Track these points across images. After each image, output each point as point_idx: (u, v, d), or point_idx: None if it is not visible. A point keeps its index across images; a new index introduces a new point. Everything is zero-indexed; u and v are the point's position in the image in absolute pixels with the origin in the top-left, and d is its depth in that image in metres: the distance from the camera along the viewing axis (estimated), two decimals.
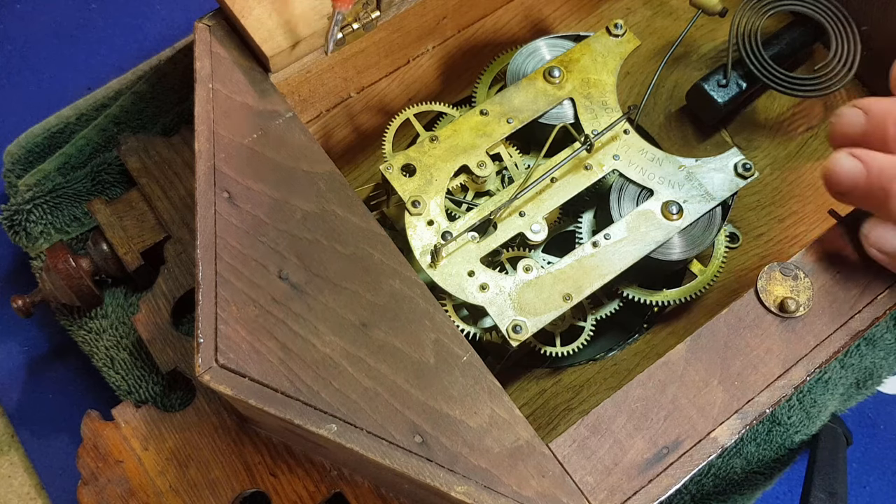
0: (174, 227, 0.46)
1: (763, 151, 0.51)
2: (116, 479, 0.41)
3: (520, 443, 0.34)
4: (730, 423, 0.36)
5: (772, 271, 0.38)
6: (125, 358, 0.46)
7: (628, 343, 0.46)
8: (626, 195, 0.43)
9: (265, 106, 0.39)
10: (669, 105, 0.52)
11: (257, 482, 0.41)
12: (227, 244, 0.37)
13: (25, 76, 0.57)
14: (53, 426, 0.48)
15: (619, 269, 0.40)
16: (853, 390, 0.48)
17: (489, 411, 0.35)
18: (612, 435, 0.35)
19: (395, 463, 0.34)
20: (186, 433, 0.42)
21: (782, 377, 0.36)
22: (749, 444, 0.47)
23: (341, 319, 0.36)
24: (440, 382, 0.35)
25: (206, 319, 0.35)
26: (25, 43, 0.58)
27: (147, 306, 0.45)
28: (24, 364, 0.49)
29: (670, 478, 0.35)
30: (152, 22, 0.58)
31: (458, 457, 0.34)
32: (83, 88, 0.51)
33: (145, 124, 0.50)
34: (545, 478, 0.34)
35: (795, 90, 0.48)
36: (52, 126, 0.50)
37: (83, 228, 0.49)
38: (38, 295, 0.44)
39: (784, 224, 0.49)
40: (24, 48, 0.58)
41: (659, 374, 0.36)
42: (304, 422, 0.34)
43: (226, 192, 0.38)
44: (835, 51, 0.48)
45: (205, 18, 0.41)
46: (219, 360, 0.35)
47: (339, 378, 0.35)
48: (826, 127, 0.52)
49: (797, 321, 0.37)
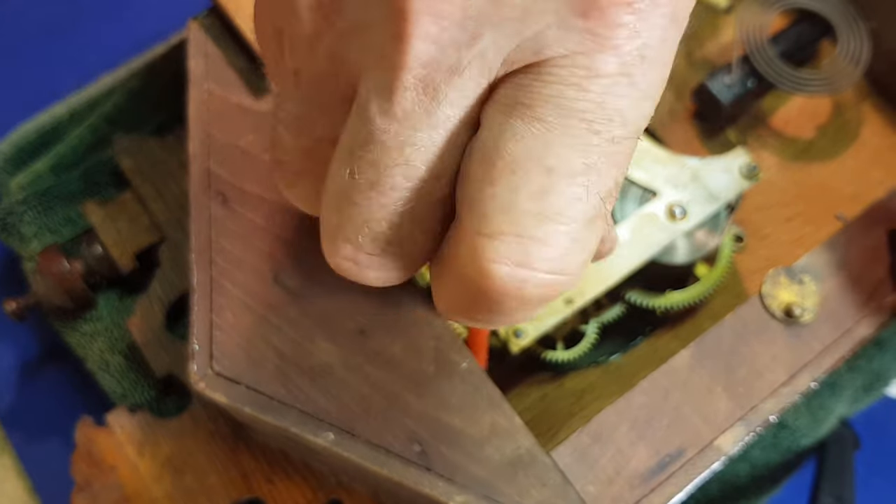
0: (169, 229, 0.46)
1: (769, 150, 0.51)
2: (111, 486, 0.41)
3: (520, 451, 0.34)
4: (734, 431, 0.35)
5: (777, 276, 0.37)
6: (119, 362, 0.45)
7: (631, 347, 0.46)
8: (629, 196, 0.42)
9: (261, 107, 0.39)
10: (674, 104, 0.52)
11: (254, 489, 0.41)
12: (222, 248, 0.36)
13: (16, 72, 0.56)
14: (46, 430, 0.47)
15: (623, 273, 0.40)
16: (861, 394, 0.47)
17: (489, 419, 0.34)
18: (614, 443, 0.34)
19: (393, 472, 0.33)
20: (182, 439, 0.41)
21: (787, 384, 0.36)
22: (755, 448, 0.46)
23: (339, 326, 0.35)
24: (439, 390, 0.34)
25: (200, 326, 0.35)
26: (15, 38, 0.57)
27: (142, 309, 0.45)
28: (16, 367, 0.49)
29: (673, 486, 0.34)
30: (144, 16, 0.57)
31: (458, 466, 0.33)
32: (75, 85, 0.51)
33: (139, 123, 0.49)
34: (546, 487, 0.33)
35: (802, 88, 0.47)
36: (44, 124, 0.49)
37: (77, 230, 0.48)
38: (31, 298, 0.44)
39: (791, 224, 0.49)
40: (14, 44, 0.57)
41: (662, 380, 0.36)
42: (300, 430, 0.34)
43: (220, 195, 0.37)
44: (842, 48, 0.48)
45: (198, 17, 0.41)
46: (214, 368, 0.34)
47: (336, 386, 0.34)
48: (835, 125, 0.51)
49: (803, 327, 0.37)
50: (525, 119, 0.20)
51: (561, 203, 0.21)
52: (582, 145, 0.20)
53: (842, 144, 0.51)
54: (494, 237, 0.21)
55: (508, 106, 0.20)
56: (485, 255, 0.21)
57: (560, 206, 0.21)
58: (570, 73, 0.20)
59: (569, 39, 0.20)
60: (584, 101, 0.20)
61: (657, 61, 0.21)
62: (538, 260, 0.21)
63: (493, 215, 0.21)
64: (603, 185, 0.21)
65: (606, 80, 0.20)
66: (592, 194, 0.21)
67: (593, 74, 0.20)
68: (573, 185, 0.21)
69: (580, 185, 0.21)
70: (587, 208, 0.21)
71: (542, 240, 0.21)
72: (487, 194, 0.21)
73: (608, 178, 0.21)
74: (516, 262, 0.21)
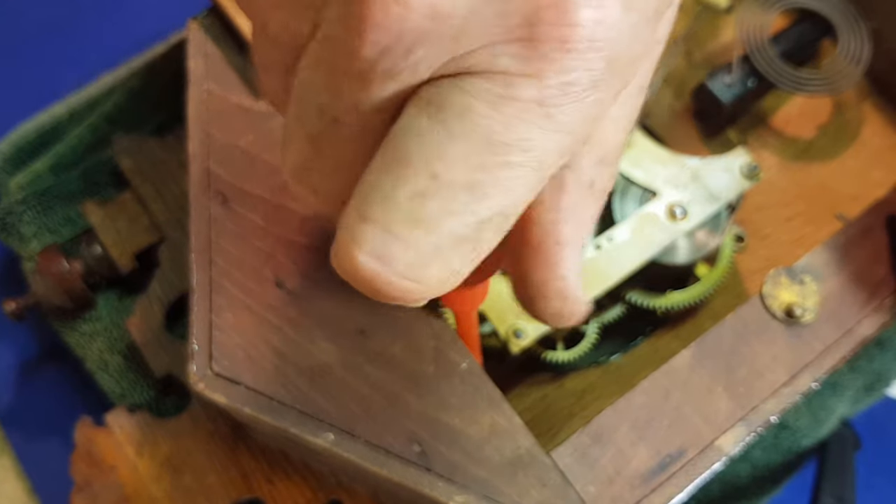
0: (168, 229, 0.46)
1: (770, 150, 0.51)
2: (110, 486, 0.41)
3: (520, 452, 0.34)
4: (735, 431, 0.35)
5: (778, 276, 0.37)
6: (119, 361, 0.45)
7: (632, 347, 0.46)
8: (630, 196, 0.42)
9: (261, 107, 0.39)
10: (674, 104, 0.51)
11: (254, 489, 0.40)
12: (222, 249, 0.36)
13: (16, 72, 0.56)
14: (45, 430, 0.47)
15: (623, 273, 0.40)
16: (862, 394, 0.47)
17: (489, 420, 0.34)
18: (614, 444, 0.34)
19: (393, 473, 0.33)
20: (181, 439, 0.41)
21: (788, 384, 0.36)
22: (756, 448, 0.46)
23: (339, 326, 0.35)
24: (439, 390, 0.34)
25: (200, 326, 0.35)
26: (15, 38, 0.57)
27: (141, 309, 0.45)
28: (15, 367, 0.49)
29: (674, 487, 0.34)
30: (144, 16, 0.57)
31: (458, 466, 0.33)
32: (75, 84, 0.51)
33: (139, 123, 0.49)
34: (546, 487, 0.33)
35: (803, 88, 0.47)
36: (43, 124, 0.49)
37: (76, 230, 0.48)
38: (30, 298, 0.44)
39: (791, 224, 0.49)
40: (14, 43, 0.57)
41: (662, 380, 0.36)
42: (300, 431, 0.33)
43: (220, 195, 0.37)
44: (843, 48, 0.48)
45: (198, 17, 0.41)
46: (213, 369, 0.34)
47: (336, 386, 0.34)
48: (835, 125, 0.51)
49: (803, 327, 0.37)
50: (431, 119, 0.20)
51: (434, 211, 0.20)
52: (475, 161, 0.20)
53: (842, 144, 0.51)
54: (365, 221, 0.21)
55: (423, 102, 0.20)
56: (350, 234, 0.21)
57: (432, 215, 0.20)
58: (488, 90, 0.20)
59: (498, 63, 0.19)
60: (490, 119, 0.20)
61: (584, 101, 0.20)
62: (394, 259, 0.21)
63: (370, 200, 0.21)
64: (485, 208, 0.21)
65: (520, 105, 0.20)
66: (469, 214, 0.21)
67: (509, 97, 0.20)
68: (451, 199, 0.20)
69: (459, 201, 0.20)
70: (459, 227, 0.21)
71: (404, 240, 0.21)
72: (374, 178, 0.21)
73: (493, 204, 0.21)
74: (374, 254, 0.21)
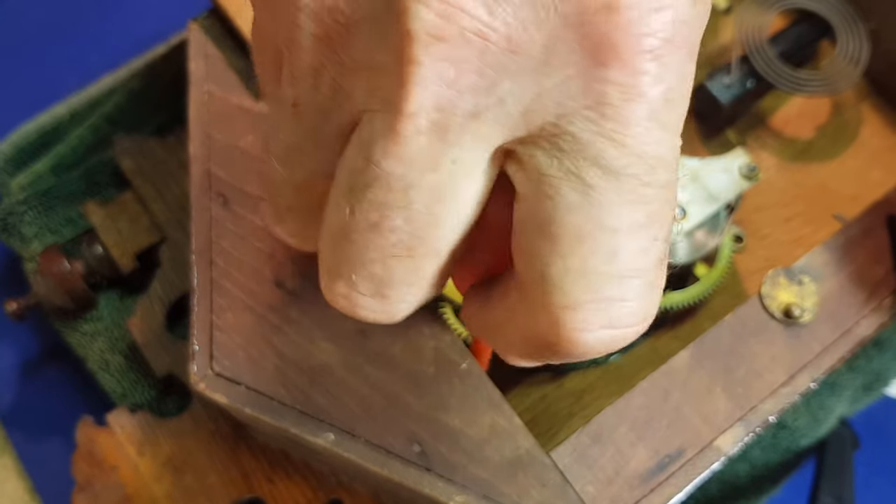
0: (169, 229, 0.46)
1: (769, 151, 0.51)
2: (112, 486, 0.41)
3: (520, 452, 0.34)
4: (733, 431, 0.35)
5: (776, 276, 0.37)
6: (120, 361, 0.45)
7: (631, 347, 0.46)
8: None
9: (261, 108, 0.39)
10: None
11: (254, 489, 0.41)
12: (223, 249, 0.36)
13: (16, 72, 0.56)
14: (46, 430, 0.47)
15: None
16: (861, 394, 0.47)
17: (489, 420, 0.34)
18: (613, 444, 0.35)
19: (393, 472, 0.33)
20: (182, 439, 0.41)
21: (787, 384, 0.36)
22: (754, 448, 0.46)
23: (339, 326, 0.35)
24: (439, 390, 0.34)
25: (201, 327, 0.35)
26: (15, 38, 0.57)
27: (142, 309, 0.45)
28: (16, 367, 0.49)
29: (673, 487, 0.34)
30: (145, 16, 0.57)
31: (458, 466, 0.33)
32: (75, 85, 0.51)
33: (140, 123, 0.49)
34: (546, 487, 0.34)
35: (802, 88, 0.47)
36: (45, 124, 0.49)
37: (77, 230, 0.48)
38: (32, 298, 0.44)
39: (790, 224, 0.49)
40: (14, 43, 0.57)
41: (661, 380, 0.36)
42: (300, 431, 0.34)
43: (221, 196, 0.37)
44: (841, 48, 0.48)
45: (199, 18, 0.41)
46: (214, 369, 0.34)
47: (336, 386, 0.34)
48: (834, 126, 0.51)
49: (802, 327, 0.37)
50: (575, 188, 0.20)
51: (632, 258, 0.21)
52: (637, 199, 0.20)
53: (841, 145, 0.51)
54: (576, 308, 0.21)
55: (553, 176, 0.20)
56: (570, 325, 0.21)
57: (632, 262, 0.21)
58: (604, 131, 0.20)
59: (591, 90, 0.19)
60: (626, 157, 0.20)
61: (681, 99, 0.21)
62: (622, 317, 0.21)
63: (570, 287, 0.21)
64: (665, 227, 0.21)
65: (639, 129, 0.20)
66: (659, 240, 0.21)
67: (626, 127, 0.20)
68: (639, 238, 0.21)
69: (645, 237, 0.21)
70: (656, 253, 0.21)
71: (622, 298, 0.21)
72: (560, 268, 0.21)
73: (668, 219, 0.21)
74: (602, 326, 0.21)
